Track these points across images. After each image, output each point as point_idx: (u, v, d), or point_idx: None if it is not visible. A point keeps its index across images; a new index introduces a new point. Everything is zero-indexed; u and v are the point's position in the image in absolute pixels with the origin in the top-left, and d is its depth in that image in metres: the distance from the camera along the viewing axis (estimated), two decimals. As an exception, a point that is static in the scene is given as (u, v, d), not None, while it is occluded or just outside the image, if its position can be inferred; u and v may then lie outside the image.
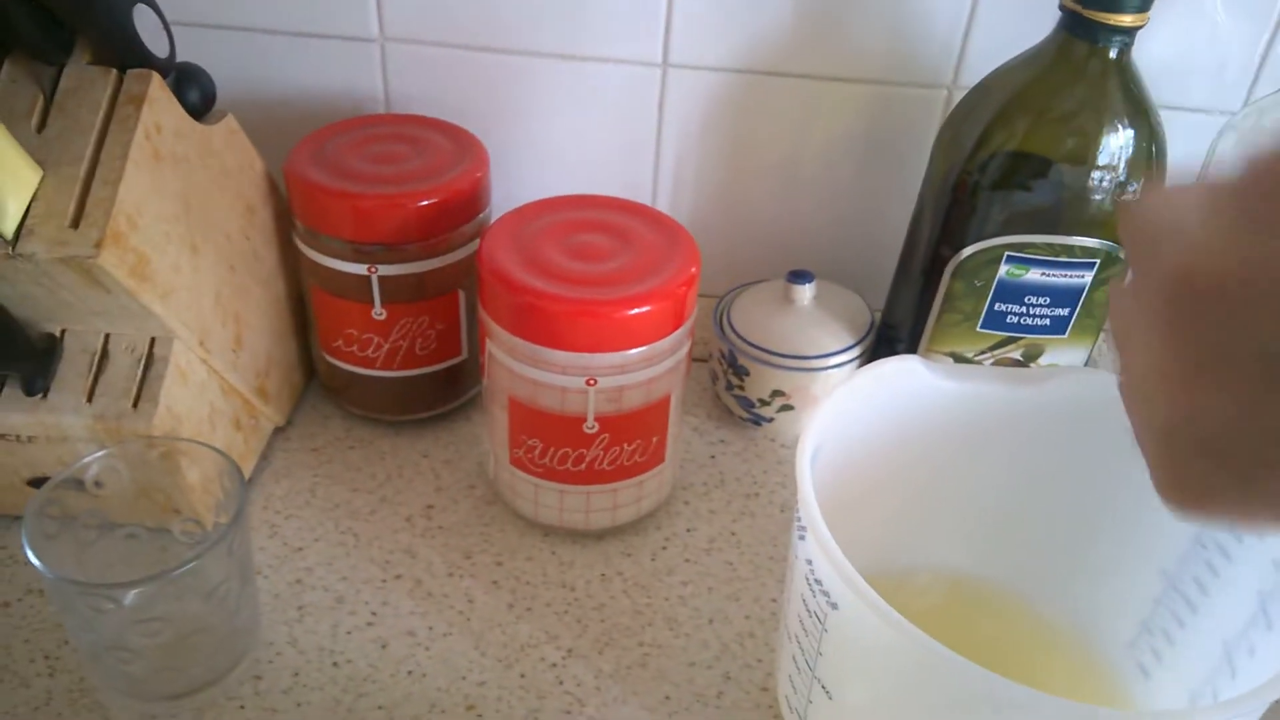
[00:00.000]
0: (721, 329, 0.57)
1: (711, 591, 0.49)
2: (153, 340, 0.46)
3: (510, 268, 0.45)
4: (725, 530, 0.53)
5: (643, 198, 0.62)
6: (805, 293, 0.56)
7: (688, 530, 0.52)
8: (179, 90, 0.48)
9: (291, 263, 0.56)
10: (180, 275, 0.46)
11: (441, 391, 0.56)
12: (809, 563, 0.35)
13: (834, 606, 0.34)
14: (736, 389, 0.57)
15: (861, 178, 0.60)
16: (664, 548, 0.51)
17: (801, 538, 0.36)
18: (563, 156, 0.61)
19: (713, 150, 0.60)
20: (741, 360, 0.56)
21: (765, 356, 0.55)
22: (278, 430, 0.56)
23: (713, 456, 0.57)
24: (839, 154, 0.59)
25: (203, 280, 0.48)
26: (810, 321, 0.56)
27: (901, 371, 0.42)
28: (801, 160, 0.60)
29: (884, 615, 0.31)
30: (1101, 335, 0.52)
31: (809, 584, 0.35)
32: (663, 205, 0.62)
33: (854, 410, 0.41)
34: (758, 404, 0.56)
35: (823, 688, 0.36)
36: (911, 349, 0.53)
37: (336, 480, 0.54)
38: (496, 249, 0.46)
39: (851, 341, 0.55)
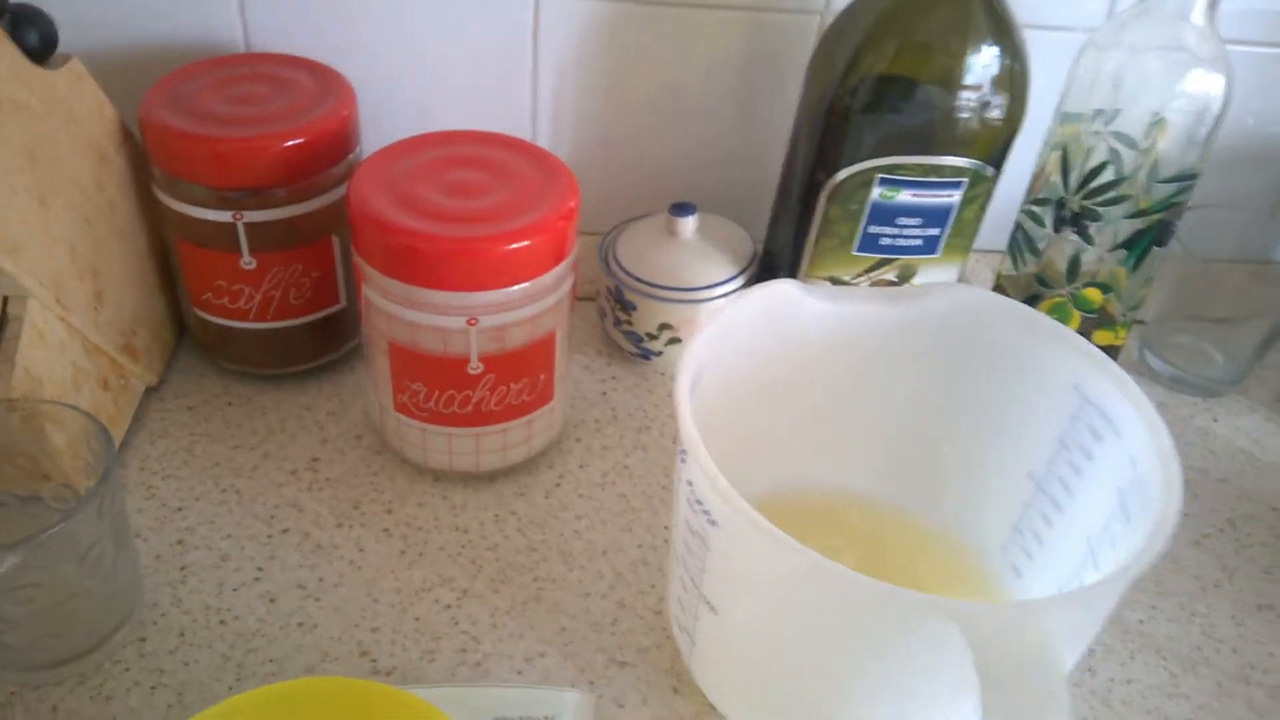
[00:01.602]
0: (607, 265, 0.57)
1: (605, 524, 0.50)
2: (4, 299, 0.44)
3: (382, 207, 0.44)
4: (618, 464, 0.53)
5: (523, 134, 0.60)
6: (688, 225, 0.56)
7: (580, 467, 0.53)
8: (15, 33, 0.45)
9: (153, 215, 0.53)
10: (29, 229, 0.44)
11: (321, 342, 0.55)
12: (689, 484, 0.36)
13: (714, 524, 0.34)
14: (624, 324, 0.57)
15: (741, 107, 0.60)
16: (557, 485, 0.51)
17: (683, 460, 0.36)
18: (436, 94, 0.59)
19: (592, 83, 0.59)
20: (628, 295, 0.56)
21: (650, 290, 0.55)
22: (151, 390, 0.54)
23: (604, 393, 0.57)
24: (718, 84, 0.59)
25: (55, 234, 0.45)
26: (694, 254, 0.56)
27: (777, 296, 0.42)
28: (682, 91, 0.59)
29: (758, 526, 0.31)
30: (971, 254, 0.54)
31: (690, 505, 0.36)
32: (543, 141, 0.61)
33: (734, 336, 0.41)
34: (645, 338, 0.57)
35: (708, 604, 0.37)
36: (792, 276, 0.54)
37: (216, 438, 0.52)
38: (366, 189, 0.45)
39: (735, 271, 0.55)
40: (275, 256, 0.50)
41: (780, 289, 0.42)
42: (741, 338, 0.42)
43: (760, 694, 0.39)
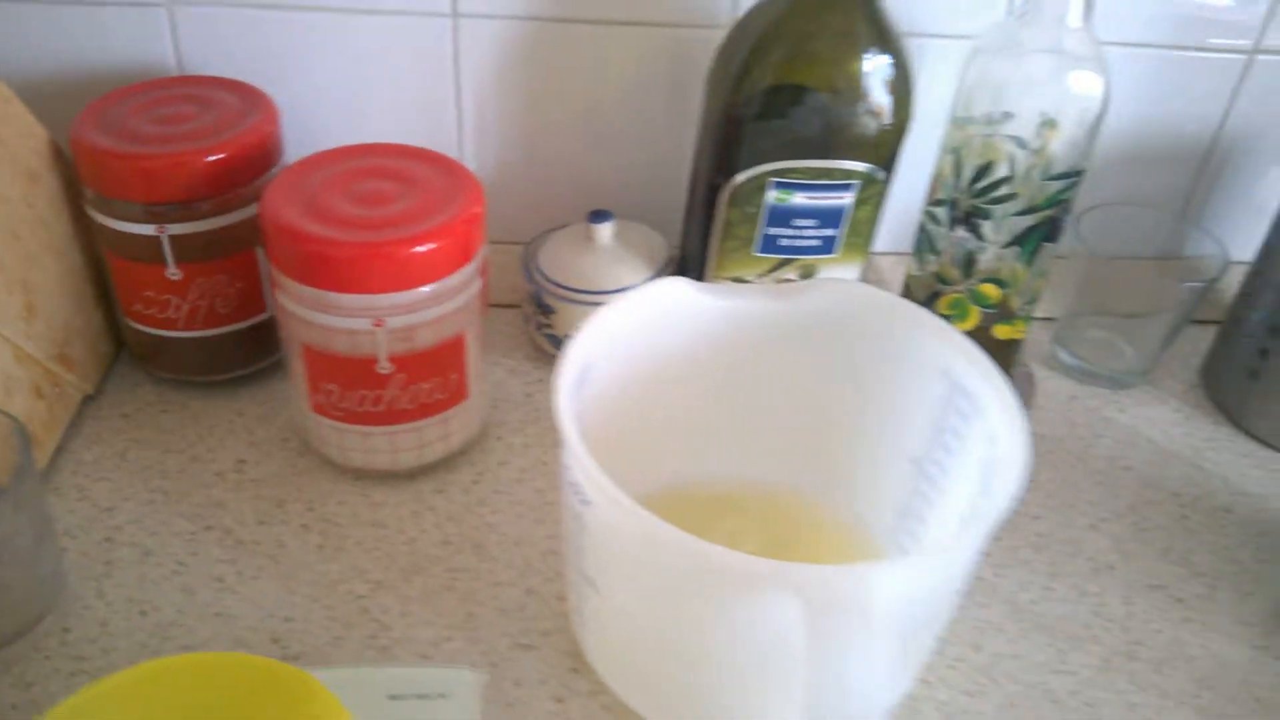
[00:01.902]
0: (529, 272, 0.59)
1: (520, 518, 0.51)
2: (-68, 310, 0.46)
3: (291, 216, 0.46)
4: (537, 460, 0.55)
5: (449, 151, 0.63)
6: (605, 231, 0.58)
7: (500, 464, 0.54)
8: (-57, 58, 0.47)
9: (88, 233, 0.55)
10: (-45, 243, 0.46)
11: (249, 349, 0.57)
12: (567, 467, 0.38)
13: (585, 503, 0.36)
14: (545, 328, 0.59)
15: (657, 119, 0.62)
16: (476, 482, 0.53)
17: (561, 445, 0.38)
18: (363, 114, 0.61)
19: (513, 101, 0.61)
20: (547, 299, 0.58)
21: (567, 294, 0.57)
22: (89, 399, 0.56)
23: (529, 394, 0.59)
24: (634, 95, 0.61)
25: (-17, 248, 0.48)
26: (611, 258, 0.58)
27: (666, 293, 0.44)
28: (601, 105, 0.62)
29: (617, 501, 0.33)
30: (870, 254, 0.56)
31: (569, 487, 0.38)
32: (469, 158, 0.63)
33: (624, 331, 0.43)
34: (566, 340, 0.59)
35: (590, 583, 0.39)
36: (700, 277, 0.56)
37: (148, 444, 0.54)
38: (278, 199, 0.47)
39: (649, 274, 0.58)
40: (200, 267, 0.52)
41: (670, 287, 0.44)
42: (634, 333, 0.44)
43: (641, 667, 0.40)
